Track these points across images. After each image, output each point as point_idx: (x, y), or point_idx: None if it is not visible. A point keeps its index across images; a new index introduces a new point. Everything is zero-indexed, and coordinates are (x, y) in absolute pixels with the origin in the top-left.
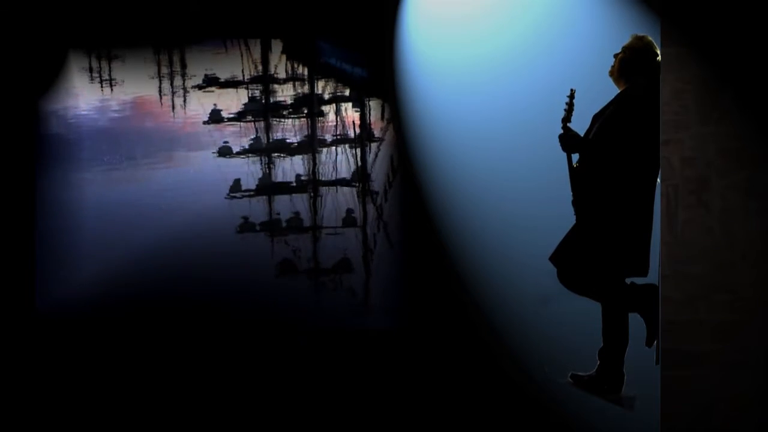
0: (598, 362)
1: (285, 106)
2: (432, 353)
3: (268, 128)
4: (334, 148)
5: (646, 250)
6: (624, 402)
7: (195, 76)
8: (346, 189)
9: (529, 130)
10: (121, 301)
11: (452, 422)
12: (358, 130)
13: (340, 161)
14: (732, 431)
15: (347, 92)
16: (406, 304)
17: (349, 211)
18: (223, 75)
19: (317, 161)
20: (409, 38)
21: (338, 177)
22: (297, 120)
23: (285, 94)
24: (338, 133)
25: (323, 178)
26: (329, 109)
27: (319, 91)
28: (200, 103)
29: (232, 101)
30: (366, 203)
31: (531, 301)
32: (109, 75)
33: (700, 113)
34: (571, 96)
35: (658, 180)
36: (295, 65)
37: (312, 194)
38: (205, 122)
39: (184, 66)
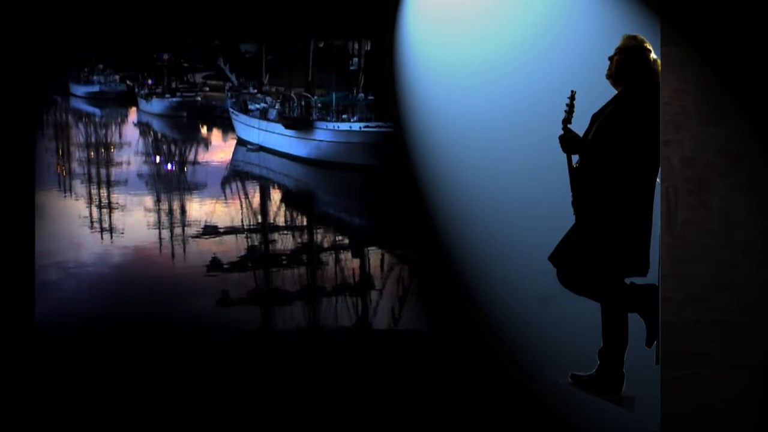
0: (598, 362)
1: (284, 255)
2: (432, 353)
3: (267, 277)
4: (333, 297)
5: (646, 250)
6: (624, 402)
7: (194, 225)
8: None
9: (529, 131)
10: None
11: (452, 422)
12: (357, 279)
13: (340, 310)
14: (732, 431)
15: (346, 241)
16: (410, 307)
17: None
18: (222, 224)
19: (317, 310)
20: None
21: (339, 325)
22: (296, 269)
23: (285, 244)
24: (338, 281)
25: (324, 326)
26: (328, 258)
27: (318, 240)
28: (200, 252)
29: (232, 250)
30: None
31: (531, 301)
32: (110, 224)
33: (700, 113)
34: (572, 97)
35: (658, 180)
36: (294, 214)
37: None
38: (204, 271)
39: (183, 214)
